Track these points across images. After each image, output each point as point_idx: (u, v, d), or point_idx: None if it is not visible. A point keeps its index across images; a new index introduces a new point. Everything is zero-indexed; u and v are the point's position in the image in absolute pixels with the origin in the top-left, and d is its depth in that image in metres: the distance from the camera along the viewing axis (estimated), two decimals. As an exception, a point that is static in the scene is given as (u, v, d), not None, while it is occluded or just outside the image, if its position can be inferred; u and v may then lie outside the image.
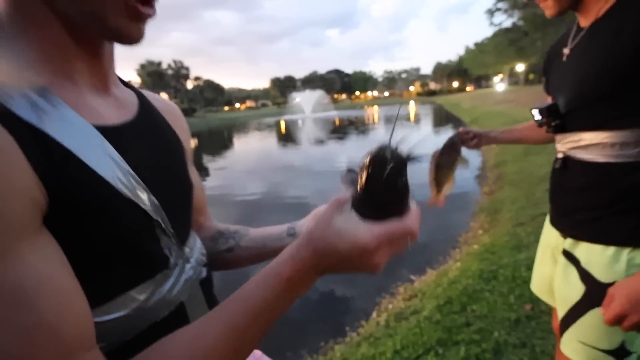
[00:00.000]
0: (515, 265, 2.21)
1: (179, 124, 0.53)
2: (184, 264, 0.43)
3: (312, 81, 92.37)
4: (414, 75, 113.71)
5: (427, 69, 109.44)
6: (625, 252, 0.69)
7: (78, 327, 0.28)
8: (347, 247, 0.31)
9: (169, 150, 0.47)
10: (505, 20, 31.79)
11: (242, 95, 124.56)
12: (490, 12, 32.43)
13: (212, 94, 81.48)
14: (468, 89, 72.86)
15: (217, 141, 18.21)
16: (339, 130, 17.74)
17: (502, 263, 2.33)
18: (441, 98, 47.98)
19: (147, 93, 0.51)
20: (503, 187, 4.41)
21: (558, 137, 0.83)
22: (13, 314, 0.25)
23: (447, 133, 12.45)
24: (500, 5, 31.31)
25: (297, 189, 6.45)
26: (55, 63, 0.35)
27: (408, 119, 21.68)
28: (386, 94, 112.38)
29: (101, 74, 0.40)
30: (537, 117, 0.83)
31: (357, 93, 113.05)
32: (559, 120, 0.79)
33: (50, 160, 0.29)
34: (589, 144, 0.74)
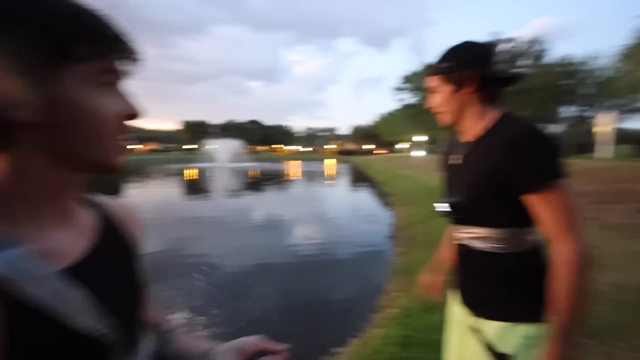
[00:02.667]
0: (429, 329, 2.39)
1: (132, 225, 0.61)
2: None
3: (229, 129, 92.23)
4: (332, 134, 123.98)
5: (344, 130, 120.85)
6: (519, 327, 0.90)
7: None
8: None
9: (125, 263, 0.54)
10: (408, 98, 38.89)
11: (143, 136, 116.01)
12: (397, 90, 39.43)
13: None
14: (381, 151, 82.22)
15: (98, 188, 16.03)
16: (256, 183, 17.70)
17: (416, 326, 2.49)
18: (357, 158, 52.80)
19: (104, 201, 0.59)
20: (414, 248, 4.89)
21: (460, 227, 1.01)
22: None
23: (362, 192, 13.72)
24: (405, 85, 38.57)
25: (205, 245, 5.94)
26: (32, 214, 0.43)
27: (327, 175, 23.05)
28: (306, 149, 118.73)
29: (65, 207, 0.47)
30: (444, 209, 1.00)
31: (277, 146, 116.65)
32: (460, 215, 0.98)
33: (21, 316, 0.36)
34: (481, 236, 0.95)
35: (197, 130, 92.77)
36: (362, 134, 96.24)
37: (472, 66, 0.94)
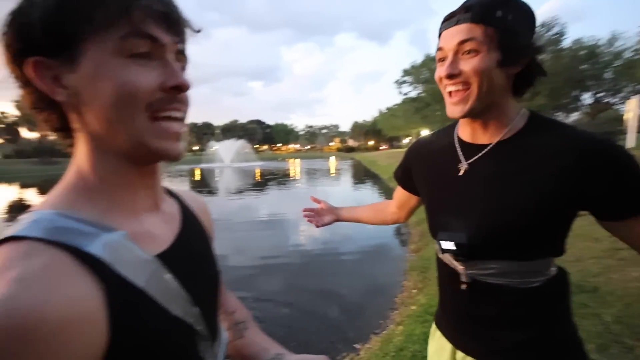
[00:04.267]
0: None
1: (206, 216, 0.62)
2: None
3: (232, 130, 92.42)
4: (333, 131, 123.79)
5: (345, 127, 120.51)
6: None
7: None
8: None
9: (204, 251, 0.54)
10: (411, 91, 38.29)
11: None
12: (399, 83, 38.93)
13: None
14: (382, 147, 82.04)
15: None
16: (260, 182, 17.65)
17: (441, 324, 2.40)
18: (359, 154, 52.74)
19: (179, 192, 0.59)
20: (427, 244, 4.79)
21: (467, 262, 0.75)
22: None
23: (368, 189, 13.61)
24: (407, 78, 37.95)
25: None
26: (124, 200, 0.43)
27: (329, 172, 22.97)
28: (307, 147, 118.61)
29: (153, 196, 0.47)
30: (449, 247, 0.73)
31: (279, 145, 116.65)
32: (472, 253, 0.72)
33: (120, 298, 0.35)
34: (500, 272, 0.71)
35: (202, 132, 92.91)
36: (363, 130, 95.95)
37: (531, 34, 0.65)
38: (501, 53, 0.64)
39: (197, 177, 21.88)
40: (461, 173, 0.75)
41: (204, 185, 16.86)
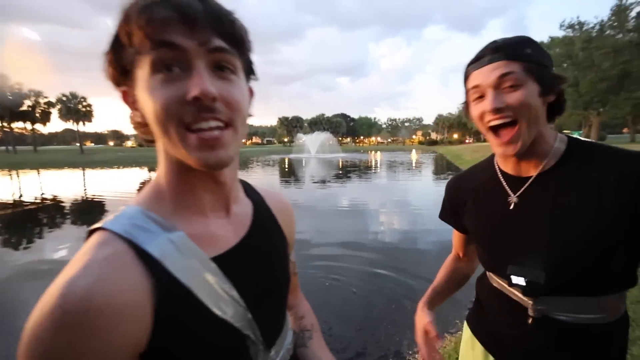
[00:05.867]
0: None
1: (288, 220, 0.60)
2: None
3: (318, 123, 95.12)
4: (416, 124, 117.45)
5: (429, 120, 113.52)
6: None
7: None
8: None
9: (272, 256, 0.51)
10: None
11: (250, 132, 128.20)
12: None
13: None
14: (468, 141, 74.86)
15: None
16: (342, 172, 17.81)
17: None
18: (442, 148, 49.11)
19: (265, 193, 0.59)
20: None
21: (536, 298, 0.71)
22: None
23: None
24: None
25: (298, 226, 6.21)
26: (188, 203, 0.44)
27: (411, 165, 21.93)
28: (389, 140, 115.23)
29: (223, 199, 0.47)
30: (520, 283, 0.69)
31: (362, 137, 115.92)
32: (543, 290, 0.67)
33: (166, 294, 0.36)
34: (570, 308, 0.67)
35: (292, 125, 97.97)
36: (447, 123, 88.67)
37: (552, 67, 0.67)
38: (539, 85, 0.63)
39: (285, 166, 23.21)
40: (511, 207, 0.73)
41: (291, 174, 17.82)
